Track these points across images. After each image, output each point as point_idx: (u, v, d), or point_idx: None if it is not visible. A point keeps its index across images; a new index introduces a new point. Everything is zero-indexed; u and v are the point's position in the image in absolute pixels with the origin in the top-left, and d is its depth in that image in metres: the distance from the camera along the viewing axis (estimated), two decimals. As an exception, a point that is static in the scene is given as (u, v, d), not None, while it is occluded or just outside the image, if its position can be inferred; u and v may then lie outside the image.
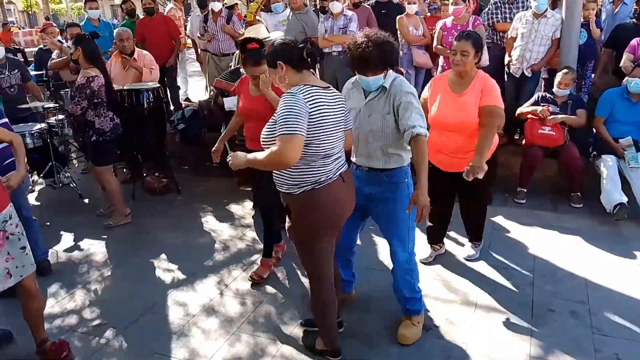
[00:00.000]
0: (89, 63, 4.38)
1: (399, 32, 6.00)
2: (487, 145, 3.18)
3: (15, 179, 2.87)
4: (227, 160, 2.56)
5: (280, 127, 2.26)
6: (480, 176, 3.06)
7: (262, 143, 2.44)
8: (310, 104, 2.32)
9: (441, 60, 5.74)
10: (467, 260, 3.85)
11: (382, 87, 2.72)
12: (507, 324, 3.11)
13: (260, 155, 2.37)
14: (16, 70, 5.49)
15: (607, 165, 4.47)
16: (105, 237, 4.57)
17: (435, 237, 3.91)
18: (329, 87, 2.49)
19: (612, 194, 4.31)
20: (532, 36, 5.16)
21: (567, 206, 4.70)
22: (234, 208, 5.10)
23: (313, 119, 2.32)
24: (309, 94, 2.35)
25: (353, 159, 2.92)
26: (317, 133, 2.35)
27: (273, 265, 3.83)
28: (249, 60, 3.30)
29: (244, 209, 5.05)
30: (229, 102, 4.21)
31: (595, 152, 4.68)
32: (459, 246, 4.07)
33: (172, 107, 7.13)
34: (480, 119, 3.27)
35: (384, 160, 2.78)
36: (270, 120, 2.41)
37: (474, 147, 3.21)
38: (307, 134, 2.31)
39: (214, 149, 3.69)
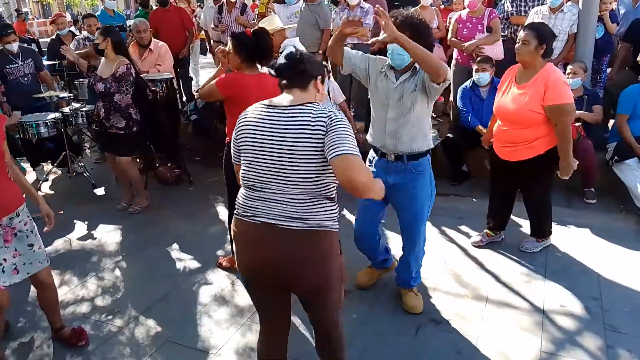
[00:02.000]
0: (117, 53, 4.44)
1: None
2: (566, 144, 3.33)
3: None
4: None
5: None
6: (570, 172, 3.37)
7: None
8: (238, 121, 2.12)
9: (455, 53, 5.70)
10: (521, 250, 3.84)
11: (413, 67, 2.76)
12: (519, 319, 3.09)
13: None
14: (30, 60, 5.53)
15: (632, 173, 4.37)
16: (118, 226, 4.61)
17: (495, 223, 3.94)
18: (289, 106, 2.01)
19: None
20: (549, 31, 5.09)
21: (581, 202, 4.66)
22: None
23: (236, 137, 2.11)
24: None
25: (378, 147, 2.95)
26: (242, 155, 2.09)
27: None
28: None
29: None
30: None
31: (617, 157, 4.51)
32: (470, 240, 4.05)
33: (184, 98, 7.15)
34: (551, 118, 3.31)
35: (412, 143, 2.83)
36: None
37: (527, 139, 3.38)
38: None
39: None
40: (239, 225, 2.11)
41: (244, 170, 2.09)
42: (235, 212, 2.13)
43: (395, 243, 3.73)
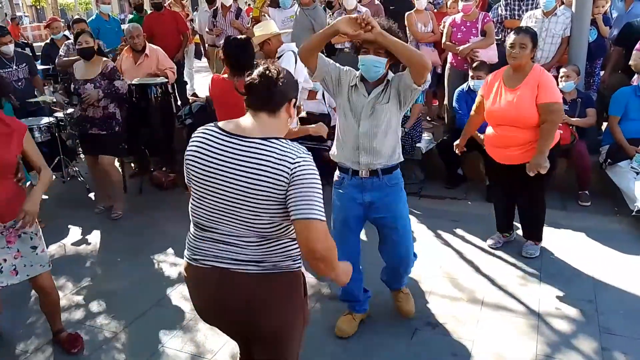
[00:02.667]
0: (98, 54, 4.65)
1: (407, 29, 5.97)
2: (549, 143, 3.35)
3: (27, 205, 2.60)
4: None
5: None
6: (543, 172, 3.30)
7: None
8: (190, 141, 1.87)
9: (450, 57, 5.72)
10: (525, 256, 3.80)
11: (386, 79, 2.67)
12: (514, 322, 3.10)
13: None
14: (24, 64, 5.50)
15: (625, 176, 4.37)
16: (113, 230, 4.59)
17: (504, 225, 3.97)
18: (250, 138, 1.73)
19: (639, 197, 4.18)
20: (543, 35, 5.12)
21: (575, 205, 4.68)
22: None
23: (185, 161, 1.86)
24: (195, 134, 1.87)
25: (348, 165, 2.75)
26: (192, 185, 1.86)
27: None
28: None
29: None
30: None
31: (610, 160, 4.53)
32: (465, 243, 4.06)
33: (179, 102, 7.14)
34: (540, 117, 3.34)
35: (387, 157, 2.71)
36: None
37: (525, 142, 3.38)
38: None
39: None
40: (188, 270, 1.92)
41: (192, 204, 1.87)
42: (184, 253, 1.95)
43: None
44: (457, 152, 3.94)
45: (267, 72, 1.78)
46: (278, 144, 1.72)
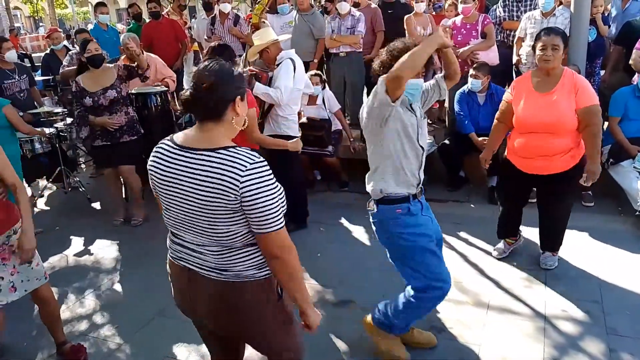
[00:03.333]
0: None
1: (406, 32, 5.97)
2: (598, 147, 3.18)
3: (26, 244, 2.58)
4: None
5: None
6: (596, 179, 3.17)
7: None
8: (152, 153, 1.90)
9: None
10: (545, 269, 3.64)
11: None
12: (520, 325, 3.08)
13: None
14: (25, 75, 5.53)
15: (627, 175, 4.35)
16: (115, 240, 4.58)
17: (510, 232, 3.83)
18: (199, 150, 1.73)
19: None
20: (542, 35, 5.11)
21: (578, 205, 4.64)
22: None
23: (149, 173, 1.89)
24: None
25: (406, 193, 2.56)
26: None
27: None
28: None
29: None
30: (261, 88, 4.15)
31: (612, 160, 4.50)
32: (468, 246, 4.04)
33: (178, 110, 7.14)
34: (582, 122, 3.16)
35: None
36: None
37: (564, 149, 3.19)
38: None
39: None
40: (170, 266, 2.03)
41: (163, 213, 1.94)
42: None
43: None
44: (485, 167, 3.69)
45: (197, 84, 1.72)
46: (226, 154, 1.70)
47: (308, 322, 1.88)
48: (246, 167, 1.67)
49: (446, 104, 5.93)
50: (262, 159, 1.73)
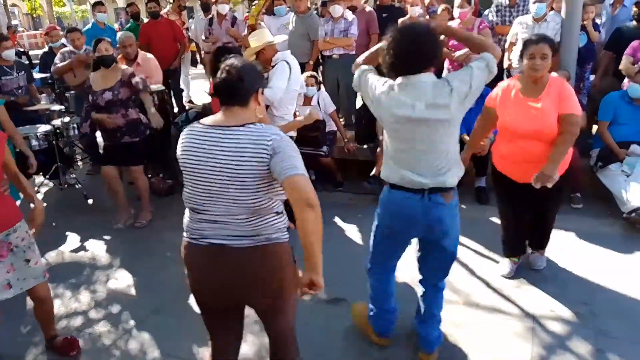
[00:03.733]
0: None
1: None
2: (563, 155, 3.10)
3: (38, 219, 2.78)
4: None
5: None
6: (549, 185, 2.98)
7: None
8: (180, 139, 2.11)
9: (446, 63, 5.77)
10: (533, 269, 3.70)
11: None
12: (510, 325, 3.13)
13: None
14: (23, 72, 5.55)
15: (616, 179, 4.41)
16: (111, 237, 4.62)
17: (514, 249, 3.72)
18: (229, 127, 1.99)
19: (630, 200, 4.22)
20: (534, 40, 5.18)
21: (567, 207, 4.70)
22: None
23: (178, 157, 2.10)
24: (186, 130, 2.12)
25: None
26: (184, 176, 2.10)
27: None
28: None
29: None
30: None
31: (600, 163, 4.56)
32: (460, 247, 4.07)
33: (175, 110, 7.18)
34: (560, 127, 3.13)
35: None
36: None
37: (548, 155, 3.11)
38: None
39: None
40: (188, 248, 2.14)
41: (185, 192, 2.09)
42: (183, 235, 2.16)
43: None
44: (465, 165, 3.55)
45: (230, 71, 2.00)
46: (254, 127, 1.97)
47: (318, 280, 1.91)
48: (271, 133, 1.95)
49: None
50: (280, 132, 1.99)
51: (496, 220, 4.48)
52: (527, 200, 3.42)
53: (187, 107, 7.28)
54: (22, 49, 11.31)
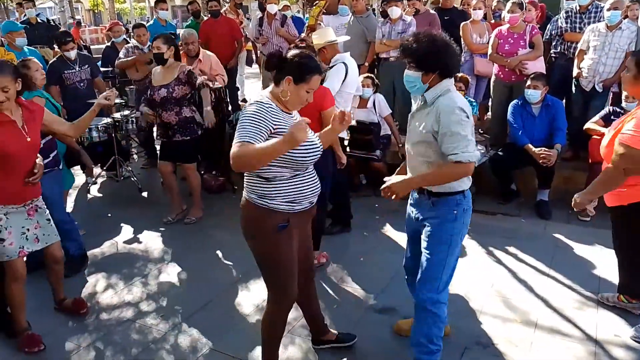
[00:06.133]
0: (175, 59, 4.67)
1: (462, 39, 5.88)
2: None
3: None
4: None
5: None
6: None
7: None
8: None
9: (495, 68, 5.60)
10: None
11: (423, 97, 2.47)
12: (570, 347, 2.97)
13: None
14: (86, 66, 5.71)
15: None
16: (163, 231, 4.69)
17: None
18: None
19: None
20: (606, 49, 4.94)
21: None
22: (288, 210, 5.11)
23: None
24: None
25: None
26: None
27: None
28: None
29: (298, 212, 5.06)
30: None
31: None
32: (518, 261, 3.93)
33: (230, 108, 7.25)
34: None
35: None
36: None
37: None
38: None
39: None
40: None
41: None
42: None
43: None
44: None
45: (276, 53, 2.41)
46: (259, 100, 2.34)
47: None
48: (249, 105, 2.32)
49: (489, 114, 5.80)
50: (265, 102, 2.32)
51: (557, 236, 4.30)
52: None
53: (241, 106, 7.33)
54: (84, 44, 11.74)
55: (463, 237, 2.64)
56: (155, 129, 5.29)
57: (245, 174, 2.42)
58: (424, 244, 2.61)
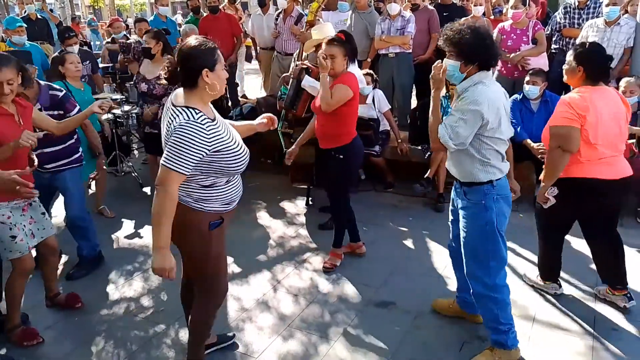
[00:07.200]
0: (162, 55, 4.69)
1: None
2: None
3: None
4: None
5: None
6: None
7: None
8: None
9: (498, 64, 5.60)
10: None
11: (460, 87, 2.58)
12: (568, 341, 2.99)
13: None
14: (87, 62, 5.72)
15: None
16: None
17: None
18: (175, 107, 2.33)
19: None
20: (604, 45, 4.94)
21: (632, 221, 4.49)
22: (287, 205, 5.14)
23: None
24: None
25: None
26: None
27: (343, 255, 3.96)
28: None
29: (297, 207, 5.09)
30: (310, 81, 4.21)
31: None
32: (516, 256, 3.95)
33: (229, 104, 7.26)
34: None
35: (457, 170, 2.71)
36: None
37: None
38: None
39: (289, 150, 3.90)
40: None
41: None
42: None
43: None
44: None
45: (172, 58, 2.32)
46: (181, 112, 2.20)
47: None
48: (179, 124, 2.17)
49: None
50: (198, 121, 2.19)
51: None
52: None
53: (241, 102, 7.34)
54: (83, 40, 11.74)
55: (502, 225, 2.67)
56: None
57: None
58: (462, 233, 2.74)
